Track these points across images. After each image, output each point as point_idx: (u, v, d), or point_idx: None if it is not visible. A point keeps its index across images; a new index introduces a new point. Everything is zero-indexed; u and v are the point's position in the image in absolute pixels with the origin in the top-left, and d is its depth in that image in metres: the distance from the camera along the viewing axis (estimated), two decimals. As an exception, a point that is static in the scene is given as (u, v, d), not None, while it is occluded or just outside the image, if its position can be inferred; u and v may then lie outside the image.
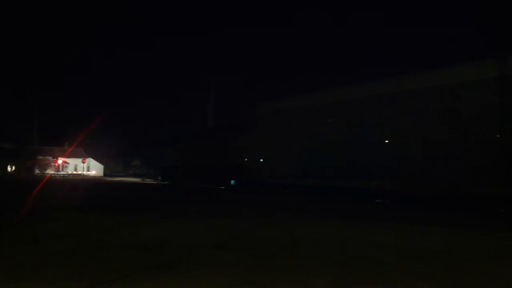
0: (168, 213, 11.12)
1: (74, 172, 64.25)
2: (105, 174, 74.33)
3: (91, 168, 73.72)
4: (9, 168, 58.90)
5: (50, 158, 61.81)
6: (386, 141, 12.32)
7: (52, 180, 36.83)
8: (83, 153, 68.55)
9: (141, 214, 10.51)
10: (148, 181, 37.56)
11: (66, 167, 67.84)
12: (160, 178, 33.72)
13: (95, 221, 8.96)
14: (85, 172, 59.27)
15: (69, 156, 67.15)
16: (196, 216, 10.50)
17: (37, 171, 56.93)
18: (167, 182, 28.46)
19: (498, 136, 9.19)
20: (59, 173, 61.42)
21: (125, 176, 69.91)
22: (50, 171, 59.69)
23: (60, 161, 62.77)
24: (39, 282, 4.16)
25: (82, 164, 51.08)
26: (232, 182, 22.35)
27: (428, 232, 7.67)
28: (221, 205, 14.35)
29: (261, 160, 21.28)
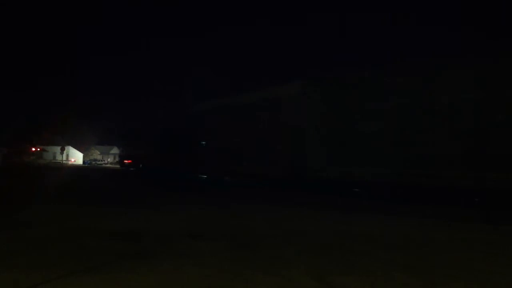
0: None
1: (54, 160, 62.60)
2: (84, 162, 72.82)
3: (70, 156, 72.08)
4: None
5: (28, 145, 59.88)
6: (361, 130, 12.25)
7: (29, 167, 35.68)
8: (62, 141, 66.81)
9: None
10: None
11: (43, 154, 65.99)
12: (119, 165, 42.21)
13: (70, 209, 8.61)
14: (64, 160, 57.75)
15: (48, 144, 65.26)
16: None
17: (14, 158, 55.03)
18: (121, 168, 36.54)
19: (472, 127, 9.32)
20: (37, 161, 59.66)
21: (104, 164, 68.65)
22: (28, 159, 57.91)
23: (38, 148, 60.96)
24: (12, 271, 3.91)
25: (61, 152, 49.68)
26: (140, 165, 30.58)
27: (403, 223, 7.63)
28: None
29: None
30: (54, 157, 65.44)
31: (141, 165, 30.18)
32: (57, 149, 56.46)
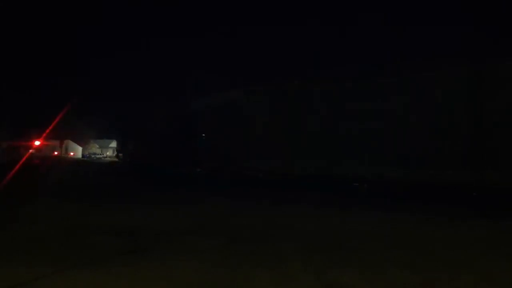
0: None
1: (52, 154, 62.45)
2: (83, 155, 72.61)
3: (69, 150, 71.84)
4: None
5: (28, 140, 59.61)
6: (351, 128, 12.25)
7: (29, 162, 35.57)
8: (61, 135, 66.59)
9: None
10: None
11: (44, 149, 65.78)
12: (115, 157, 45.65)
13: (65, 206, 8.55)
14: (63, 154, 57.62)
15: (47, 138, 65.05)
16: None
17: (14, 154, 54.84)
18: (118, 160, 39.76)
19: (468, 123, 9.27)
20: (37, 155, 59.47)
21: (103, 157, 68.47)
22: (28, 154, 57.72)
23: (37, 143, 60.72)
24: (7, 268, 3.90)
25: (60, 146, 49.61)
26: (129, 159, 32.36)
27: (400, 219, 7.52)
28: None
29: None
30: (54, 150, 65.20)
31: (129, 159, 31.24)
32: (57, 143, 56.33)
